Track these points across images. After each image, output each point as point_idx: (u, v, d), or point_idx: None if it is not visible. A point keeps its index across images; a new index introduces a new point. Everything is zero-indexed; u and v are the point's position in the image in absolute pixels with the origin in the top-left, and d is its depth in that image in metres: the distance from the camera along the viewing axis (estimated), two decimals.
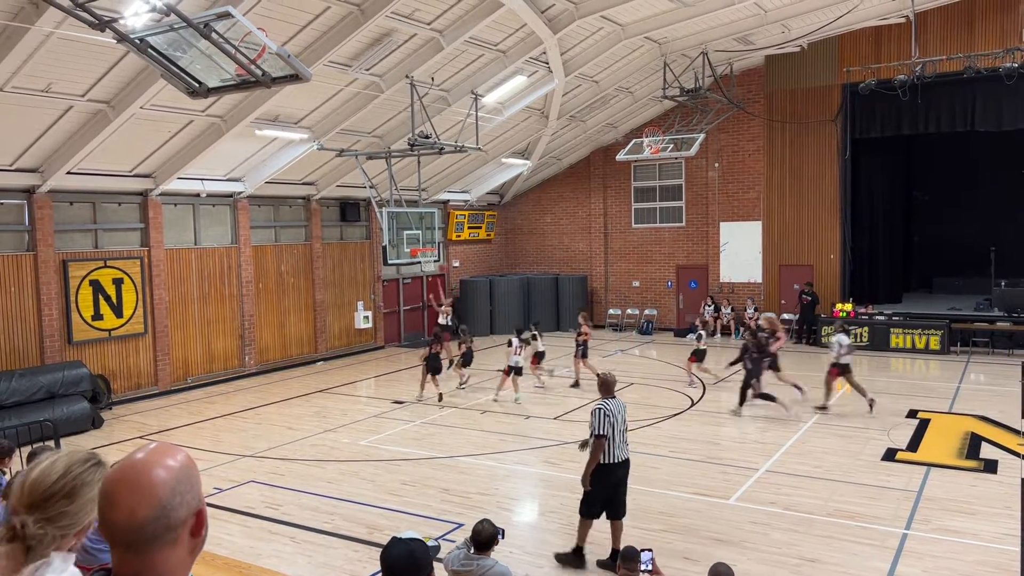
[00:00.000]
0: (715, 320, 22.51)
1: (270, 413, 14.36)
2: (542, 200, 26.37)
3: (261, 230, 18.71)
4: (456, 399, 15.08)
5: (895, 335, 19.32)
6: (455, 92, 17.03)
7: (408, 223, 16.53)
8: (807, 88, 21.18)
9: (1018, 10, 18.28)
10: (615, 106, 21.84)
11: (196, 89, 6.59)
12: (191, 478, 1.56)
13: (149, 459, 1.54)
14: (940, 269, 25.34)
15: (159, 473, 1.51)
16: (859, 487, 9.52)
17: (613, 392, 7.61)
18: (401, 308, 22.87)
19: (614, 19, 16.44)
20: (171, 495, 1.51)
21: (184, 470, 1.55)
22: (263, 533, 8.47)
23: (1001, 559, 7.38)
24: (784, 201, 21.91)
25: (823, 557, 7.52)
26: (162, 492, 1.50)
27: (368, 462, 11.07)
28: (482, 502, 9.27)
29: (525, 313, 24.40)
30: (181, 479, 1.54)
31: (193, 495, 1.56)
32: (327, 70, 13.84)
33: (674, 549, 7.77)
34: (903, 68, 17.69)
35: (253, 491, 9.87)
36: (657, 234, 24.35)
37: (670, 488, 9.64)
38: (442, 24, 14.20)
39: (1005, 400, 13.85)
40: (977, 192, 24.35)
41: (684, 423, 12.93)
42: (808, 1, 17.06)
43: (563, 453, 11.29)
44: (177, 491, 1.52)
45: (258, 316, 18.46)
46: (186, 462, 1.57)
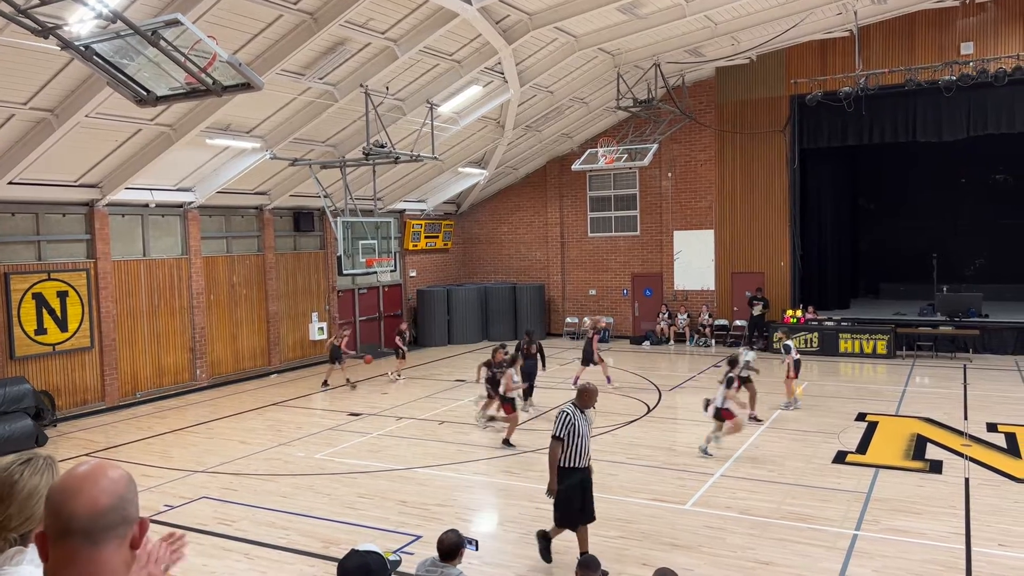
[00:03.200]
0: (670, 328, 22.81)
1: (222, 427, 14.07)
2: (499, 209, 26.43)
3: (212, 240, 18.37)
4: (414, 410, 14.98)
5: (844, 340, 19.80)
6: (410, 101, 16.99)
7: (363, 233, 16.41)
8: (756, 99, 21.66)
9: (955, 25, 19.00)
10: (570, 116, 22.04)
11: (144, 97, 6.45)
12: (134, 487, 1.71)
13: (99, 464, 1.71)
14: (886, 275, 26.12)
15: (114, 472, 1.68)
16: (811, 490, 9.71)
17: (590, 404, 7.52)
18: (357, 319, 22.65)
19: (568, 30, 16.60)
20: (127, 490, 1.67)
21: (129, 478, 1.71)
22: (216, 550, 8.28)
23: (947, 557, 7.60)
24: (735, 210, 22.33)
25: (777, 560, 7.64)
26: (120, 485, 1.65)
27: (324, 475, 10.92)
28: (441, 513, 9.21)
29: (483, 323, 24.40)
30: (129, 483, 1.70)
31: (136, 505, 1.69)
32: (280, 79, 13.69)
33: (631, 555, 7.82)
34: (848, 80, 18.24)
35: (205, 507, 9.65)
36: (612, 243, 24.59)
37: (627, 495, 9.70)
38: (397, 33, 14.17)
39: (949, 402, 14.29)
40: (919, 201, 25.19)
41: (641, 429, 13.05)
42: (756, 15, 17.47)
43: (522, 463, 11.28)
44: (131, 489, 1.68)
45: (210, 329, 18.09)
46: (129, 477, 1.72)
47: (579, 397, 7.54)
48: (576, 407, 7.47)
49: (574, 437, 7.33)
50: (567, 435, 7.33)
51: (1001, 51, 18.10)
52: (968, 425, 12.58)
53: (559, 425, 7.35)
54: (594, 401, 7.55)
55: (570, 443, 7.33)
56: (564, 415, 7.39)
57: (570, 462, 7.37)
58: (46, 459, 2.29)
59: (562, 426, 7.33)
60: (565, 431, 7.32)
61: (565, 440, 7.33)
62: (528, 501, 9.57)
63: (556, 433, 7.36)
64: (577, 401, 7.52)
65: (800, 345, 20.11)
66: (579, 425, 7.35)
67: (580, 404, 7.48)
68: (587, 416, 7.51)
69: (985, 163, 24.03)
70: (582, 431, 7.36)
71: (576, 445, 7.35)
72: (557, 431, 7.35)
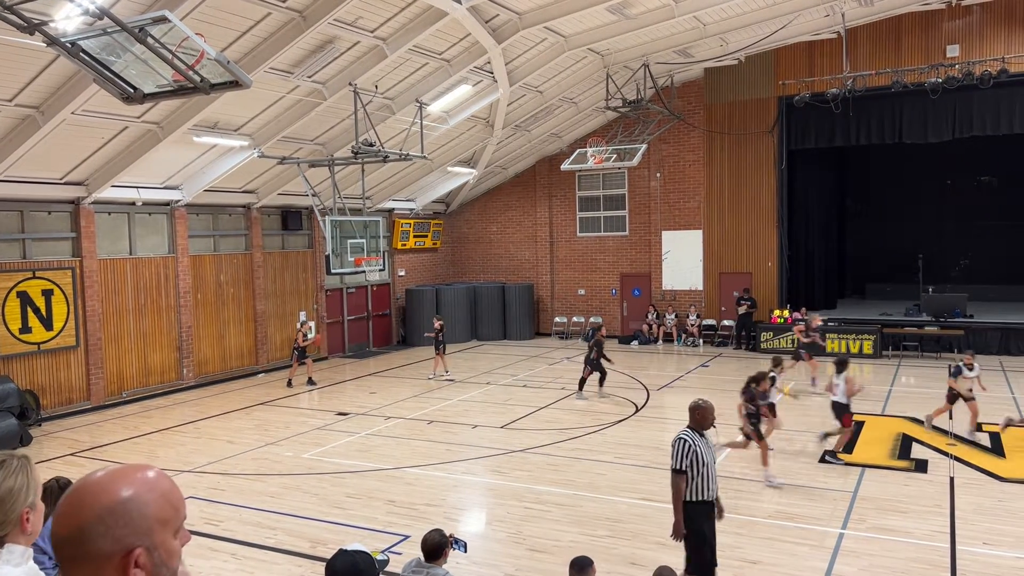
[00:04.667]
0: (658, 328, 22.88)
1: (209, 427, 13.99)
2: (488, 209, 26.41)
3: (199, 239, 18.27)
4: (403, 410, 14.96)
5: (830, 340, 19.90)
6: (399, 100, 16.96)
7: (352, 232, 16.36)
8: (745, 100, 21.74)
9: (941, 28, 19.14)
10: (559, 116, 22.05)
11: (131, 95, 6.41)
12: (129, 514, 1.42)
13: (98, 479, 1.46)
14: (872, 276, 26.30)
15: (93, 496, 1.43)
16: (798, 489, 9.77)
17: (708, 424, 6.51)
18: (345, 318, 22.58)
19: (558, 30, 16.62)
20: (95, 521, 1.40)
21: (125, 504, 1.42)
22: (203, 550, 8.23)
23: (933, 556, 7.66)
24: (723, 210, 22.41)
25: (764, 559, 7.68)
26: (85, 515, 1.41)
27: (312, 475, 10.88)
28: (429, 513, 9.20)
29: (472, 322, 24.39)
30: (115, 510, 1.41)
31: (128, 532, 1.41)
32: (268, 77, 13.62)
33: (620, 554, 7.83)
34: (835, 82, 18.36)
35: (192, 507, 9.59)
36: (601, 243, 24.63)
37: (616, 494, 9.72)
38: (386, 32, 14.13)
39: (934, 402, 14.36)
40: (906, 202, 25.39)
41: (629, 429, 13.08)
42: (745, 16, 17.54)
43: (510, 462, 11.29)
44: (104, 520, 1.40)
45: (196, 328, 17.99)
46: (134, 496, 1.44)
47: (693, 417, 6.52)
48: (692, 429, 6.49)
49: (698, 465, 6.35)
50: (690, 465, 6.35)
51: (986, 54, 18.25)
52: (953, 425, 12.69)
53: (678, 455, 6.35)
54: (711, 420, 6.51)
55: (694, 473, 6.36)
56: (682, 442, 6.38)
57: (697, 495, 6.40)
58: (21, 460, 2.25)
59: (682, 455, 6.33)
60: (687, 460, 6.33)
61: (689, 471, 6.35)
62: (516, 500, 9.57)
63: (676, 465, 6.36)
64: (691, 422, 6.53)
65: (787, 345, 20.22)
66: (701, 451, 6.37)
67: (695, 425, 6.50)
68: (707, 438, 6.53)
69: (970, 165, 24.24)
70: (705, 457, 6.38)
71: (702, 475, 6.38)
72: (677, 463, 6.35)
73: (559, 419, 13.79)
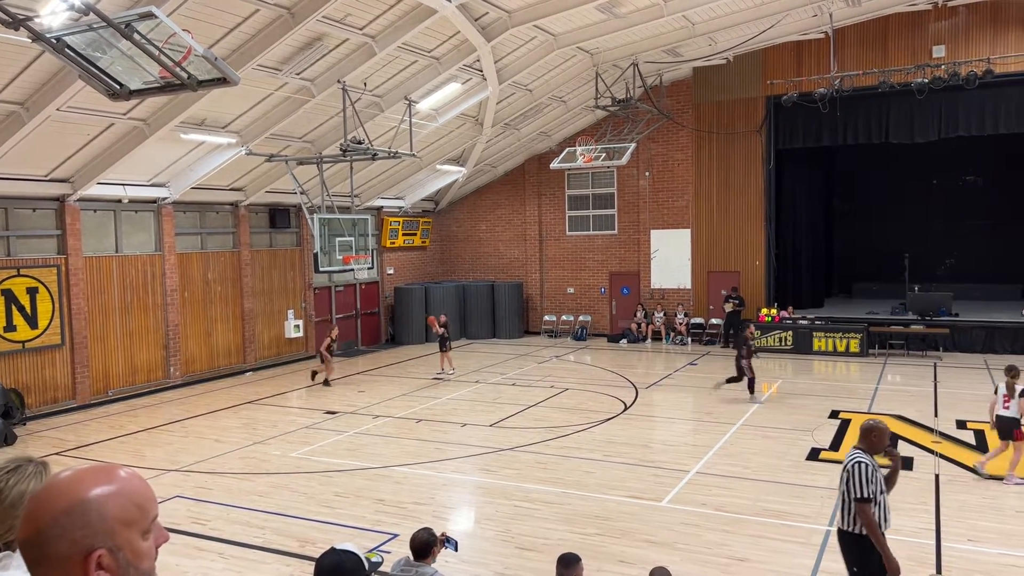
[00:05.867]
0: (646, 326, 22.93)
1: (197, 426, 13.92)
2: (477, 207, 26.39)
3: (186, 237, 18.16)
4: (391, 409, 14.93)
5: (817, 338, 20.03)
6: (388, 98, 16.91)
7: (340, 230, 16.31)
8: (733, 100, 21.81)
9: (928, 29, 19.28)
10: (549, 115, 22.06)
11: (117, 91, 6.35)
12: (87, 515, 1.38)
13: (60, 481, 1.44)
14: (859, 275, 26.46)
15: (52, 498, 1.40)
16: (785, 486, 9.82)
17: (880, 448, 5.91)
18: (333, 317, 22.51)
19: (547, 29, 16.62)
20: (51, 524, 1.37)
21: (83, 505, 1.38)
22: (190, 550, 8.19)
23: (919, 553, 7.72)
24: (712, 209, 22.49)
25: (752, 556, 7.72)
26: (43, 517, 1.38)
27: (300, 474, 10.84)
28: (417, 512, 9.18)
29: (461, 321, 24.36)
30: (72, 512, 1.37)
31: (86, 534, 1.37)
32: (256, 74, 13.55)
33: (609, 552, 7.85)
34: (823, 82, 18.46)
35: (179, 506, 9.55)
36: (590, 241, 24.66)
37: (604, 492, 9.74)
38: (375, 29, 14.08)
39: (920, 400, 14.52)
40: (892, 201, 25.55)
41: (617, 427, 13.11)
42: (733, 15, 17.60)
43: (499, 460, 11.29)
44: (59, 522, 1.36)
45: (183, 326, 17.88)
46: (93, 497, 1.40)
47: (868, 439, 5.91)
48: (864, 451, 5.88)
49: (879, 493, 5.72)
50: (875, 492, 5.70)
51: (972, 55, 18.39)
52: (938, 422, 12.79)
53: (862, 480, 5.65)
54: (885, 443, 5.93)
55: (876, 501, 5.69)
56: (864, 466, 5.69)
57: (884, 524, 5.80)
58: (36, 465, 2.19)
59: (865, 481, 5.65)
60: (872, 486, 5.68)
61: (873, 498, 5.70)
62: (505, 499, 9.58)
63: (862, 494, 5.63)
64: (863, 444, 5.92)
65: (774, 344, 20.35)
66: (880, 477, 5.79)
67: (869, 448, 5.89)
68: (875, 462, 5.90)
69: (956, 165, 24.44)
70: (883, 484, 5.81)
71: (882, 504, 5.74)
72: (862, 491, 5.64)
73: (548, 417, 13.80)
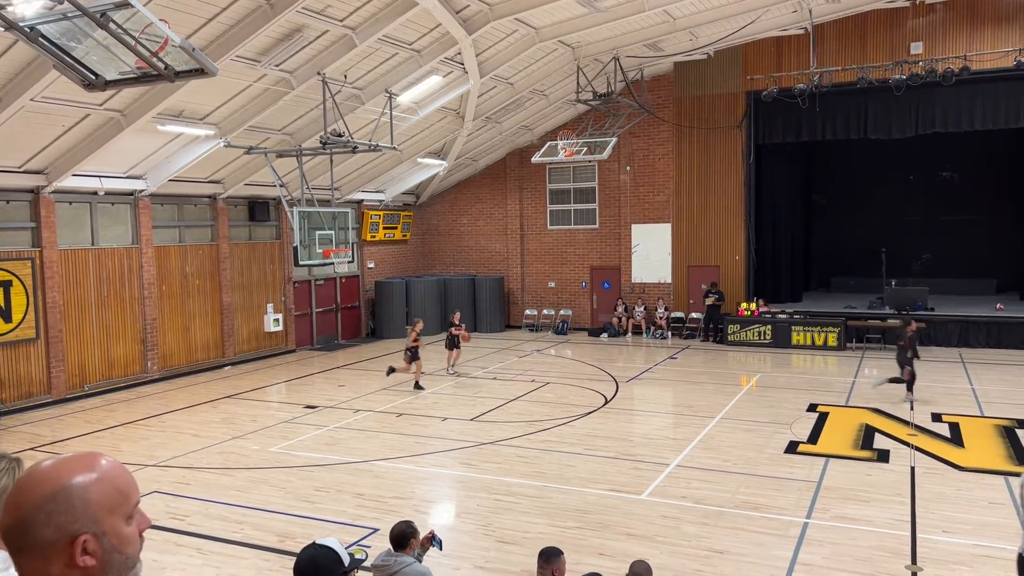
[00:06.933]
0: (627, 320, 23.02)
1: (175, 420, 13.79)
2: (458, 201, 26.33)
3: (164, 230, 17.95)
4: (372, 403, 14.87)
5: (796, 332, 20.21)
6: (369, 90, 16.80)
7: (320, 223, 16.21)
8: (714, 95, 21.90)
9: (906, 26, 19.46)
10: (530, 108, 22.03)
11: (92, 82, 6.26)
12: (70, 500, 1.40)
13: (42, 468, 1.45)
14: (837, 269, 26.72)
15: (34, 484, 1.42)
16: (763, 479, 9.91)
17: None
18: (313, 310, 22.38)
19: (528, 22, 16.58)
20: (34, 510, 1.38)
21: (67, 491, 1.40)
22: (167, 545, 8.12)
23: (894, 544, 7.83)
24: (692, 204, 22.59)
25: (731, 548, 7.78)
26: (27, 505, 1.39)
27: (279, 469, 10.78)
28: (398, 506, 9.17)
29: (443, 315, 24.31)
30: (56, 497, 1.39)
31: (70, 519, 1.39)
32: (235, 65, 13.40)
33: (589, 545, 7.88)
34: (802, 78, 18.57)
35: (157, 502, 9.46)
36: (572, 236, 24.69)
37: (585, 485, 9.78)
38: (355, 21, 13.98)
39: (896, 393, 14.69)
40: (870, 197, 25.80)
41: (598, 421, 13.15)
42: (714, 10, 17.65)
43: (480, 454, 11.29)
44: (44, 508, 1.38)
45: (161, 320, 17.69)
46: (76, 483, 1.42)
47: None
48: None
49: None
50: None
51: (949, 52, 18.59)
52: (914, 415, 12.96)
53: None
54: None
55: None
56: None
57: None
58: (10, 461, 2.16)
59: None
60: None
61: None
62: (486, 493, 9.58)
63: None
64: None
65: (753, 338, 20.51)
66: None
67: None
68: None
69: (932, 161, 24.71)
70: None
71: None
72: None
73: (529, 411, 13.82)
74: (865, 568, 7.27)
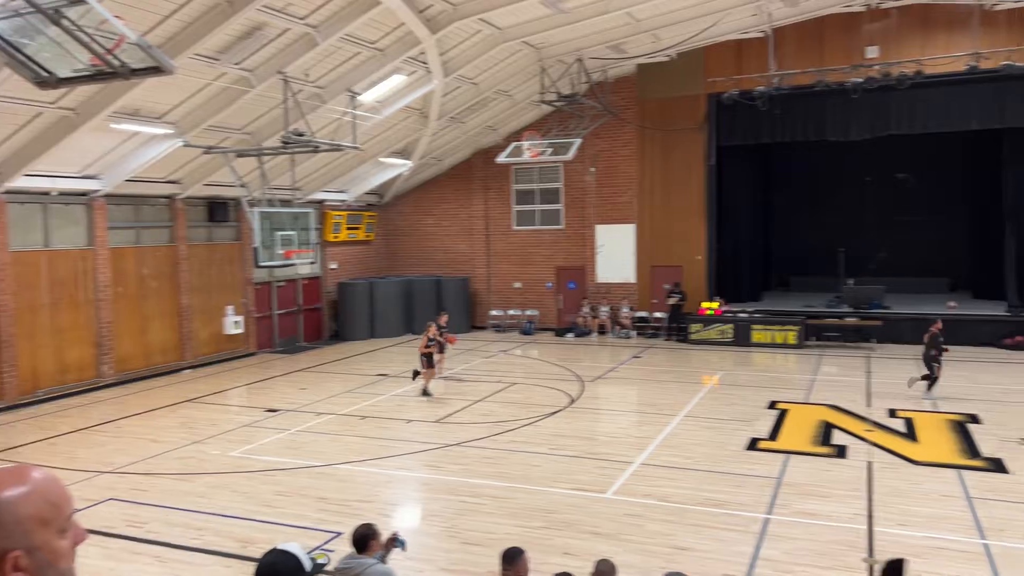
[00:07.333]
0: (592, 320, 23.14)
1: (132, 426, 13.50)
2: (423, 201, 26.20)
3: (120, 231, 17.56)
4: (335, 406, 14.73)
5: (756, 331, 20.51)
6: (331, 89, 16.64)
7: (281, 224, 16.02)
8: (676, 97, 22.12)
9: (862, 30, 19.87)
10: (494, 108, 22.02)
11: (45, 79, 6.10)
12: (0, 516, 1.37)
13: None
14: (796, 269, 27.18)
15: None
16: (726, 476, 10.03)
17: None
18: (275, 312, 22.09)
19: (492, 22, 16.57)
20: None
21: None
22: (124, 554, 7.95)
23: (851, 537, 7.99)
24: (655, 205, 22.79)
25: (694, 545, 7.87)
26: None
27: (240, 474, 10.62)
28: (362, 509, 9.08)
29: (407, 316, 24.17)
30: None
31: (2, 536, 1.36)
32: (193, 63, 13.17)
33: (554, 545, 7.90)
34: (762, 80, 18.85)
35: (113, 509, 9.25)
36: (537, 236, 24.74)
37: (550, 485, 9.80)
38: (317, 20, 13.83)
39: (853, 390, 15.00)
40: (828, 197, 26.29)
41: (564, 420, 13.20)
42: (676, 12, 17.84)
43: (445, 456, 11.25)
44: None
45: (117, 323, 17.30)
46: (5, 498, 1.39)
47: None
48: None
49: None
50: None
51: (903, 56, 19.01)
52: (871, 411, 13.24)
53: None
54: None
55: None
56: None
57: None
58: None
59: None
60: None
61: None
62: (451, 494, 9.55)
63: None
64: None
65: (716, 336, 20.76)
66: None
67: None
68: None
69: (888, 162, 25.25)
70: None
71: None
72: None
73: (495, 412, 13.82)
74: (824, 561, 7.41)
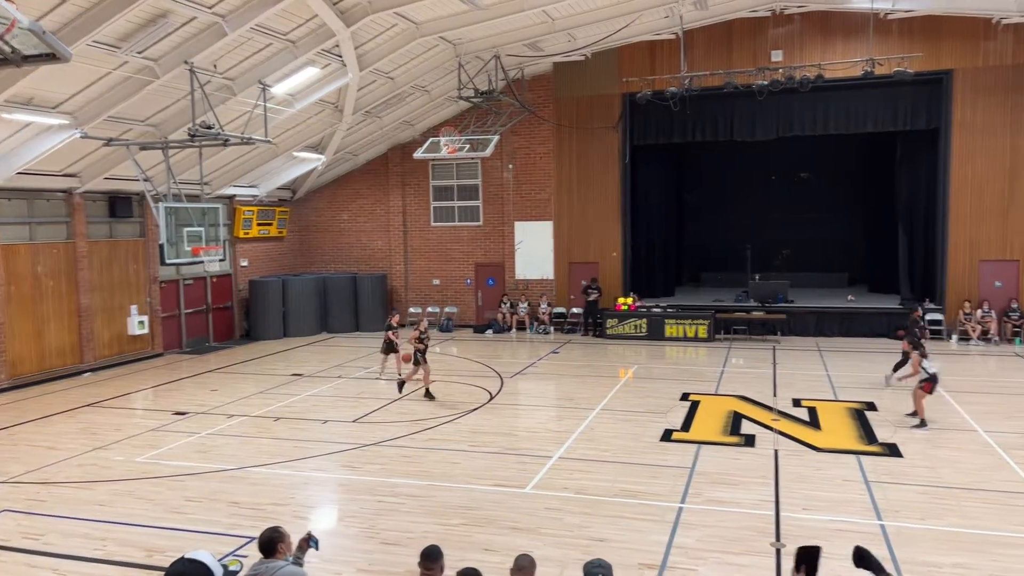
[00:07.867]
0: (511, 316, 23.25)
1: (26, 433, 12.74)
2: (338, 197, 25.73)
3: (12, 227, 16.53)
4: (247, 407, 14.30)
5: (669, 325, 21.07)
6: (241, 81, 16.12)
7: (189, 219, 15.43)
8: (591, 96, 22.47)
9: (767, 35, 20.66)
10: (411, 104, 21.82)
11: None
12: None
13: None
14: (706, 265, 28.11)
15: None
16: (641, 467, 10.27)
17: None
18: (182, 312, 21.26)
19: (408, 16, 16.41)
20: None
21: None
22: (21, 568, 7.49)
23: (760, 523, 8.30)
24: (572, 202, 23.10)
25: (611, 536, 8.02)
26: None
27: (146, 480, 10.17)
28: (276, 512, 8.86)
29: (322, 314, 23.70)
30: None
31: None
32: (92, 50, 12.52)
33: (474, 541, 7.91)
34: (674, 81, 19.33)
35: (7, 521, 8.71)
36: (456, 232, 24.67)
37: (470, 482, 9.80)
38: (225, 9, 13.37)
39: (761, 381, 15.61)
40: (736, 196, 27.29)
41: (483, 417, 13.21)
42: (591, 12, 18.09)
43: (363, 456, 11.09)
44: None
45: (9, 324, 16.29)
46: None
47: None
48: None
49: None
50: None
51: (806, 60, 19.89)
52: (777, 401, 13.80)
53: None
54: None
55: None
56: None
57: None
58: None
59: None
60: None
61: None
62: (369, 495, 9.42)
63: None
64: None
65: (630, 331, 21.22)
66: None
67: None
68: None
69: (793, 162, 26.41)
70: None
71: None
72: None
73: (414, 410, 13.70)
74: (735, 547, 7.68)
